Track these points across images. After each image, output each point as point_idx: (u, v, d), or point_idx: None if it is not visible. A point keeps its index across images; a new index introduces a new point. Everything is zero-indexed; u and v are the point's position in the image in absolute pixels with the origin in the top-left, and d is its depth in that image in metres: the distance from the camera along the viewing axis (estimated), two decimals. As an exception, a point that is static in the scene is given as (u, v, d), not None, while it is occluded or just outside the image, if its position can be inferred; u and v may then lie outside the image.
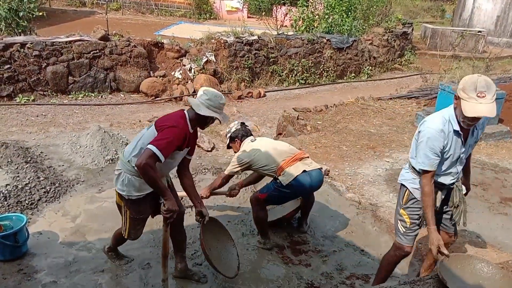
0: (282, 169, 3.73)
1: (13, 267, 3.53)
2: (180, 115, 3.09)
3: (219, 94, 3.14)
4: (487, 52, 13.38)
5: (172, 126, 2.95)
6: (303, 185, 3.73)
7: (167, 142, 2.87)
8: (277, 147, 3.92)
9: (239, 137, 4.04)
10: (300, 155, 3.87)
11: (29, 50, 7.66)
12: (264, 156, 3.80)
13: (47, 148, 5.74)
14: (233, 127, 4.10)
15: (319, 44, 10.69)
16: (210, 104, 3.06)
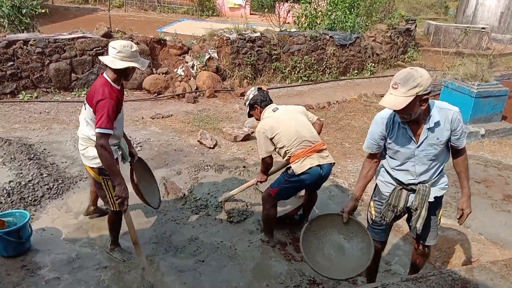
0: (298, 157, 3.60)
1: (17, 263, 3.54)
2: (103, 83, 3.21)
3: (128, 43, 3.23)
4: (490, 48, 13.31)
5: (101, 100, 3.11)
6: (313, 177, 3.64)
7: (106, 117, 3.08)
8: (300, 130, 3.65)
9: (258, 103, 3.84)
10: (319, 147, 3.70)
11: (32, 47, 7.67)
12: (286, 137, 3.62)
13: (50, 145, 5.76)
14: (250, 94, 3.89)
15: (322, 41, 10.65)
16: (123, 56, 3.17)
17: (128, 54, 3.19)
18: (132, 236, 3.40)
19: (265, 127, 3.68)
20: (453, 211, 4.83)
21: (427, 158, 2.82)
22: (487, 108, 7.21)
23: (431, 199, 2.93)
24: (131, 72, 3.33)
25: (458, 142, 2.82)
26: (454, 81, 7.40)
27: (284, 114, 3.78)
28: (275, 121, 3.69)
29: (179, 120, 7.26)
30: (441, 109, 2.71)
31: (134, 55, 3.23)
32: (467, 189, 3.04)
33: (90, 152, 3.33)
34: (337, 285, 3.52)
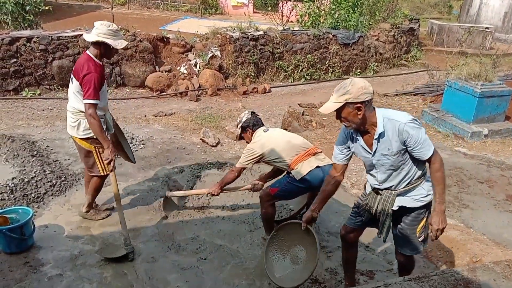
0: (296, 163, 3.68)
1: (20, 259, 3.55)
2: (87, 59, 3.56)
3: (107, 23, 3.57)
4: (494, 48, 13.27)
5: (86, 74, 3.49)
6: (316, 180, 3.63)
7: (93, 90, 3.48)
8: (291, 140, 3.84)
9: (250, 126, 3.96)
10: (313, 150, 3.80)
11: (35, 44, 7.68)
12: (278, 149, 3.74)
13: (53, 142, 5.77)
14: (244, 117, 4.01)
15: (325, 39, 10.64)
16: (99, 32, 3.52)
17: (103, 31, 3.52)
18: (114, 191, 3.76)
19: (255, 146, 3.80)
20: (456, 210, 4.82)
21: (385, 168, 2.80)
22: (490, 108, 7.19)
23: (395, 207, 2.85)
24: (109, 49, 3.62)
25: (418, 154, 2.69)
26: (458, 81, 7.37)
27: (274, 132, 3.95)
28: (266, 139, 3.82)
29: (181, 118, 7.26)
30: (390, 120, 2.68)
31: (111, 34, 3.55)
32: (437, 203, 2.80)
33: (82, 124, 3.69)
34: (340, 284, 3.52)
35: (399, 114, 2.72)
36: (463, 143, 6.89)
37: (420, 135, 2.64)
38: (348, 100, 2.59)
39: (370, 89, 2.63)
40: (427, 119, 7.76)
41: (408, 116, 2.69)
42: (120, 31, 3.69)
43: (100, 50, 3.60)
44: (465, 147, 6.75)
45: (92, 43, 3.57)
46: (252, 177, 4.92)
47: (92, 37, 3.54)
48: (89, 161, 3.86)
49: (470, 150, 6.62)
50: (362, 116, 2.64)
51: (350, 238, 3.23)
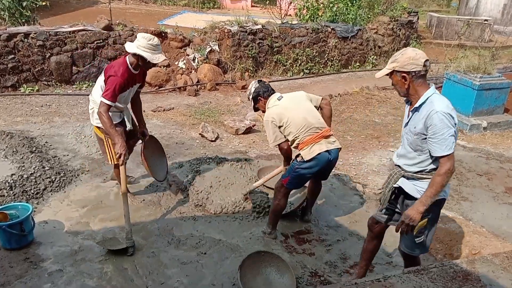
0: (306, 144, 3.62)
1: (20, 255, 3.56)
2: (121, 63, 3.78)
3: (148, 37, 3.73)
4: (493, 41, 13.22)
5: (112, 76, 3.70)
6: (323, 162, 3.64)
7: (112, 91, 3.67)
8: (307, 117, 3.67)
9: (261, 94, 3.85)
10: (326, 132, 3.72)
11: (32, 40, 7.65)
12: (294, 125, 3.63)
13: (52, 138, 5.76)
14: (252, 87, 3.91)
15: (324, 33, 10.60)
16: (139, 44, 3.69)
17: (143, 44, 3.69)
18: (122, 186, 3.84)
19: (272, 115, 3.69)
20: (455, 203, 4.83)
21: (406, 143, 2.87)
22: (489, 100, 7.18)
23: (396, 185, 2.92)
24: (145, 62, 3.76)
25: (431, 146, 2.68)
26: (457, 74, 7.37)
27: (290, 101, 3.78)
28: (282, 109, 3.70)
29: (180, 113, 7.26)
30: (431, 102, 2.71)
31: (150, 48, 3.70)
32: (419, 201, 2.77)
33: (96, 113, 3.91)
34: (339, 277, 3.54)
35: (442, 102, 2.71)
36: (462, 136, 6.89)
37: (443, 131, 2.61)
38: (395, 68, 2.74)
39: (420, 61, 2.70)
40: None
41: (447, 109, 2.66)
42: (160, 46, 3.80)
43: (138, 61, 3.78)
44: (464, 139, 6.76)
45: (131, 53, 3.75)
46: (252, 172, 4.92)
47: (131, 48, 3.72)
48: (101, 148, 4.20)
49: (469, 143, 6.63)
50: (408, 86, 2.75)
51: (375, 230, 3.29)
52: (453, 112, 2.70)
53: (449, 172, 2.71)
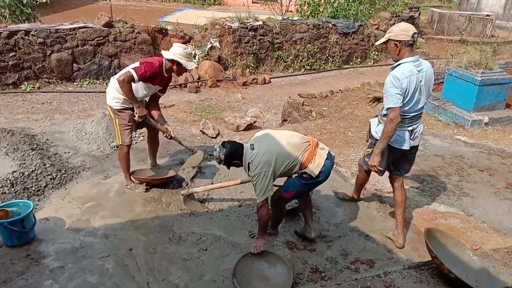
0: (309, 161, 3.50)
1: (21, 252, 3.57)
2: (158, 59, 4.24)
3: (184, 46, 4.24)
4: (495, 36, 13.20)
5: (149, 63, 4.13)
6: (328, 170, 3.61)
7: (142, 70, 4.06)
8: (290, 140, 3.53)
9: (234, 156, 3.54)
10: (315, 142, 3.63)
11: (33, 37, 7.65)
12: (284, 155, 3.44)
13: (53, 135, 5.77)
14: (220, 154, 3.54)
15: (325, 29, 10.58)
16: (175, 51, 4.18)
17: (179, 52, 4.17)
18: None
19: (260, 165, 3.39)
20: (456, 199, 4.83)
21: None
22: (491, 96, 7.16)
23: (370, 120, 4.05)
24: (180, 67, 4.25)
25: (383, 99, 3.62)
26: (458, 69, 7.34)
27: (263, 142, 3.53)
28: (263, 153, 3.41)
29: (181, 109, 7.25)
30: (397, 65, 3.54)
31: (185, 55, 4.19)
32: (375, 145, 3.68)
33: (111, 94, 4.29)
34: (340, 273, 3.54)
35: (400, 69, 3.48)
36: (464, 132, 6.88)
37: (390, 89, 3.46)
38: (390, 37, 3.52)
39: (409, 32, 3.46)
40: (427, 107, 7.73)
41: (399, 74, 3.43)
42: (193, 55, 4.35)
43: (173, 66, 4.25)
44: (466, 135, 6.74)
45: (168, 59, 4.21)
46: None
47: (169, 56, 4.20)
48: (113, 128, 4.59)
49: (471, 139, 6.61)
50: (398, 52, 3.54)
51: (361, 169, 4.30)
52: (402, 77, 3.43)
53: (390, 120, 3.47)
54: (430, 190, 5.00)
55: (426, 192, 4.97)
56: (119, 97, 4.28)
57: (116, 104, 4.32)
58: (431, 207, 4.63)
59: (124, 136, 4.41)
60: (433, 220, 4.37)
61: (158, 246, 3.75)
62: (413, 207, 4.61)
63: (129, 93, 4.13)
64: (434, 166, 5.61)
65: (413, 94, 3.52)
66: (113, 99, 4.32)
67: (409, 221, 4.35)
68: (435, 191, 5.00)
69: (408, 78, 3.44)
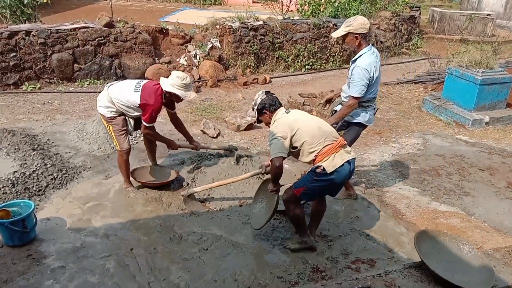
0: (327, 155, 3.37)
1: (22, 252, 3.58)
2: (159, 93, 4.24)
3: (183, 76, 4.22)
4: (495, 35, 13.18)
5: (151, 105, 4.17)
6: (344, 174, 3.44)
7: (150, 116, 4.22)
8: (321, 126, 3.47)
9: (267, 107, 3.61)
10: (343, 142, 3.53)
11: (34, 37, 7.65)
12: (307, 133, 3.38)
13: (54, 135, 5.78)
14: (258, 98, 3.67)
15: (326, 28, 10.56)
16: (173, 83, 4.18)
17: (178, 83, 4.19)
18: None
19: (281, 125, 3.44)
20: (457, 198, 4.83)
21: (347, 82, 4.20)
22: (491, 95, 7.16)
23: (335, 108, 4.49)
24: (177, 97, 4.28)
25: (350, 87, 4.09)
26: (459, 68, 7.34)
27: (298, 113, 3.62)
28: (291, 119, 3.47)
29: (181, 109, 7.25)
30: (360, 58, 4.00)
31: (183, 86, 4.21)
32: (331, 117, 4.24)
33: (105, 106, 4.30)
34: (340, 272, 3.54)
35: (365, 60, 3.95)
36: (464, 131, 6.87)
37: (355, 78, 3.95)
38: (350, 30, 3.89)
39: (367, 26, 3.88)
40: (428, 107, 7.73)
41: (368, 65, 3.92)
42: (191, 84, 4.37)
43: (171, 96, 4.27)
44: (466, 135, 6.74)
45: (166, 91, 4.22)
46: (253, 168, 4.92)
47: (167, 87, 4.19)
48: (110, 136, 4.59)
49: (471, 138, 6.61)
50: (358, 44, 3.97)
51: None
52: (370, 68, 3.92)
53: (349, 106, 4.05)
54: (431, 190, 5.00)
55: (427, 191, 4.97)
56: (110, 106, 4.30)
57: (108, 112, 4.32)
58: (431, 207, 4.63)
59: (121, 141, 4.39)
60: (433, 220, 4.37)
61: (159, 246, 3.76)
62: (414, 206, 4.62)
63: (160, 138, 4.60)
64: (434, 166, 5.61)
65: (377, 79, 4.08)
66: (105, 108, 4.32)
67: (410, 221, 4.36)
68: (435, 190, 5.00)
69: (373, 67, 3.96)
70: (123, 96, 4.24)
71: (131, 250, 3.68)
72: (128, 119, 4.45)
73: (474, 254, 3.16)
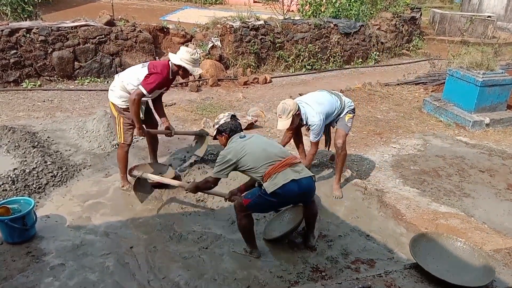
0: (269, 175, 3.38)
1: (22, 249, 3.58)
2: (166, 66, 4.27)
3: (192, 51, 4.27)
4: (496, 37, 13.18)
5: (158, 73, 4.17)
6: (289, 194, 3.41)
7: (152, 85, 4.15)
8: (267, 148, 3.52)
9: (226, 131, 3.68)
10: (291, 160, 3.49)
11: (35, 35, 7.64)
12: (252, 158, 3.45)
13: (54, 133, 5.77)
14: (222, 119, 3.73)
15: (326, 29, 10.57)
16: (182, 57, 4.22)
17: (186, 58, 4.21)
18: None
19: (229, 151, 3.53)
20: (457, 199, 4.83)
21: None
22: (492, 97, 7.16)
23: None
24: (186, 72, 4.30)
25: None
26: (459, 70, 7.34)
27: (251, 139, 3.64)
28: (241, 145, 3.53)
29: (182, 108, 7.25)
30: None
31: (192, 61, 4.23)
32: None
33: (118, 93, 4.29)
34: (340, 272, 3.54)
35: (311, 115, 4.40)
36: (465, 132, 6.88)
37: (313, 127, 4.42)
38: (294, 113, 4.16)
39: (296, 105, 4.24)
40: (428, 108, 7.73)
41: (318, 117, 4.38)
42: (199, 60, 4.46)
43: (179, 70, 4.29)
44: (467, 136, 6.74)
45: (175, 64, 4.24)
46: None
47: (176, 60, 4.22)
48: (114, 126, 4.53)
49: (472, 139, 6.61)
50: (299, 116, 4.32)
51: None
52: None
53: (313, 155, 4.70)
54: (431, 191, 5.00)
55: (427, 192, 4.97)
56: (126, 96, 4.26)
57: (123, 103, 4.30)
58: (431, 208, 4.63)
59: (127, 135, 4.42)
60: (433, 221, 4.37)
61: (159, 244, 3.75)
62: (414, 207, 4.61)
63: (136, 113, 4.20)
64: (435, 167, 5.61)
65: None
66: (119, 98, 4.30)
67: (410, 221, 4.35)
68: (435, 191, 5.00)
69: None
70: (133, 75, 4.24)
71: (131, 248, 3.68)
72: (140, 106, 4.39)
73: (474, 253, 3.16)
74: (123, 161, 4.54)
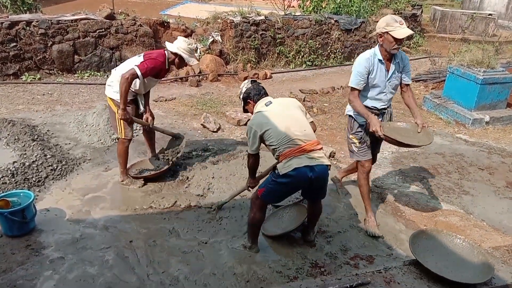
0: (285, 157, 3.30)
1: (21, 242, 3.57)
2: (162, 54, 4.28)
3: (188, 41, 4.31)
4: (497, 35, 13.15)
5: (154, 59, 4.19)
6: (301, 178, 3.29)
7: (147, 68, 4.12)
8: (291, 127, 3.35)
9: (251, 96, 3.58)
10: (310, 146, 3.34)
11: (34, 28, 7.61)
12: (275, 133, 3.33)
13: (54, 126, 5.76)
14: (243, 87, 3.66)
15: (327, 25, 10.54)
16: (179, 46, 4.24)
17: (183, 47, 4.23)
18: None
19: (254, 122, 3.44)
20: (456, 197, 4.84)
21: (391, 88, 3.90)
22: (492, 95, 7.16)
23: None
24: (182, 61, 4.32)
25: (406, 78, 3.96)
26: (460, 68, 7.34)
27: (277, 108, 3.49)
28: (266, 116, 3.42)
29: (182, 103, 7.24)
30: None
31: (188, 51, 4.26)
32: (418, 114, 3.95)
33: (114, 87, 4.23)
34: (339, 268, 3.55)
35: None
36: (464, 130, 6.88)
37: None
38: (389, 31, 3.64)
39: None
40: (428, 105, 7.73)
41: None
42: (196, 50, 4.47)
43: (175, 59, 4.30)
44: (466, 134, 6.75)
45: (172, 52, 4.26)
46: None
47: (173, 48, 4.24)
48: (113, 122, 4.50)
49: (471, 137, 6.62)
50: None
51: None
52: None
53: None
54: (430, 188, 5.01)
55: (426, 189, 4.98)
56: None
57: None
58: (431, 205, 4.64)
59: (127, 130, 4.38)
60: (433, 218, 4.38)
61: (158, 239, 3.76)
62: (413, 204, 4.62)
63: (125, 93, 4.08)
64: (434, 164, 5.62)
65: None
66: (117, 93, 4.20)
67: (409, 218, 4.36)
68: (435, 189, 5.00)
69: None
70: (130, 64, 4.19)
71: (131, 242, 3.68)
72: (139, 100, 4.47)
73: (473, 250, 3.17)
74: (123, 156, 4.53)
